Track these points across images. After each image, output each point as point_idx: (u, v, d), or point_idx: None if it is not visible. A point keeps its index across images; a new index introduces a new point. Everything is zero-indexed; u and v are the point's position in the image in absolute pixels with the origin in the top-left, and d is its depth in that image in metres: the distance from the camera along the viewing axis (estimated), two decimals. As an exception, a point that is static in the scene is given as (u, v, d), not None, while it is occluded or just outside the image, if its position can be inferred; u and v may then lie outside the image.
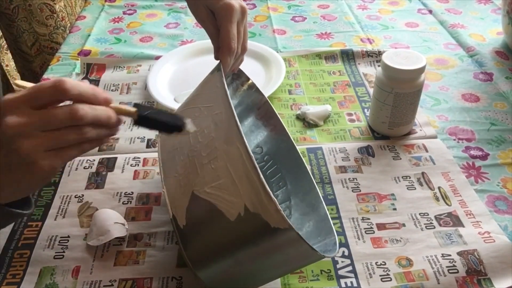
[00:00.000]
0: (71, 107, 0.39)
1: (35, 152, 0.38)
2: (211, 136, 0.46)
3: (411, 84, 0.68)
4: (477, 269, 0.55)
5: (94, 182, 0.67)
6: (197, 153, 0.46)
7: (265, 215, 0.41)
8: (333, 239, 0.53)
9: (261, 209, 0.41)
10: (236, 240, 0.44)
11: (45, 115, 0.38)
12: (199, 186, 0.45)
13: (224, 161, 0.44)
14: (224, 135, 0.45)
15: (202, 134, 0.47)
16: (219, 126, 0.46)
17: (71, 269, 0.56)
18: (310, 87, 0.87)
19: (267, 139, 0.66)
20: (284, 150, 0.65)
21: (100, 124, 0.41)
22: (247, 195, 0.42)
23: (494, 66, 0.90)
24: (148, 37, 1.04)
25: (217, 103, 0.47)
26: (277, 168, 0.64)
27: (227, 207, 0.43)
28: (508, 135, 0.74)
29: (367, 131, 0.76)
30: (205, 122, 0.47)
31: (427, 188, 0.65)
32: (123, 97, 0.85)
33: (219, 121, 0.46)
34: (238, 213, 0.42)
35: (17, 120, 0.37)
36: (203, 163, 0.45)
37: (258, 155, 0.65)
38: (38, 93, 0.39)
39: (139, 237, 0.59)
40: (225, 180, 0.43)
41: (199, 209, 0.45)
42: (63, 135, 0.39)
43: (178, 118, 0.46)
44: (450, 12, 1.11)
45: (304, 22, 1.09)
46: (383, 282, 0.54)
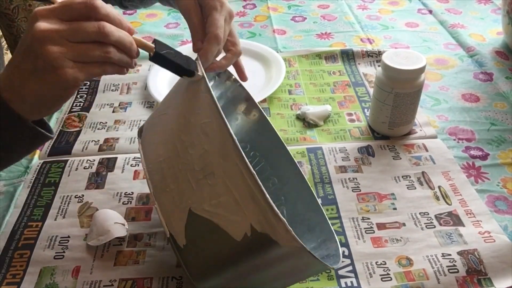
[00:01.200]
0: (99, 23, 0.41)
1: (61, 58, 0.40)
2: (203, 149, 0.43)
3: (411, 84, 0.68)
4: (477, 268, 0.55)
5: (94, 182, 0.67)
6: (189, 166, 0.43)
7: (274, 235, 0.39)
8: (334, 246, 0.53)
9: (269, 229, 0.39)
10: (244, 259, 0.43)
11: (74, 26, 0.40)
12: (197, 203, 0.42)
13: (222, 177, 0.41)
14: (219, 149, 0.42)
15: (192, 145, 0.44)
16: (211, 138, 0.42)
17: (71, 269, 0.56)
18: (310, 87, 0.87)
19: (252, 134, 0.63)
20: (271, 145, 0.63)
21: (123, 48, 0.43)
22: (253, 215, 0.40)
23: (494, 66, 0.90)
24: (148, 37, 1.04)
25: (204, 110, 0.44)
26: (265, 165, 0.63)
27: (231, 226, 0.41)
28: (508, 135, 0.74)
29: (367, 131, 0.76)
30: (193, 131, 0.44)
31: (427, 187, 0.65)
32: (123, 97, 0.85)
33: (210, 131, 0.43)
34: (244, 233, 0.40)
35: (47, 26, 0.40)
36: (198, 178, 0.42)
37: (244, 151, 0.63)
38: (69, 6, 0.41)
39: (139, 237, 0.59)
40: (225, 198, 0.41)
41: (200, 228, 0.43)
42: (89, 49, 0.41)
43: (191, 62, 0.47)
44: (450, 12, 1.11)
45: (304, 22, 1.09)
46: (383, 281, 0.54)
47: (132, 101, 0.84)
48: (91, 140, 0.75)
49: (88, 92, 0.87)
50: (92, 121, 0.79)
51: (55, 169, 0.69)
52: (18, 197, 0.65)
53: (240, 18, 1.11)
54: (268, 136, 0.63)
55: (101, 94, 0.86)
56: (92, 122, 0.79)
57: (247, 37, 1.03)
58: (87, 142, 0.74)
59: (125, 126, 0.78)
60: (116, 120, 0.79)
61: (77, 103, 0.84)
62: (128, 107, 0.83)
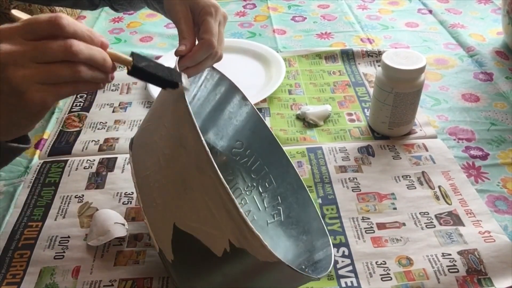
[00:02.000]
0: (65, 42, 0.38)
1: (26, 82, 0.37)
2: (182, 162, 0.42)
3: (411, 84, 0.68)
4: (477, 268, 0.55)
5: (94, 182, 0.67)
6: (171, 180, 0.43)
7: (252, 250, 0.39)
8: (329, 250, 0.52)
9: (246, 245, 0.39)
10: (227, 274, 0.43)
11: (39, 46, 0.37)
12: (180, 219, 0.42)
13: (200, 192, 0.41)
14: (195, 162, 0.41)
15: (172, 159, 0.43)
16: (188, 151, 0.42)
17: (71, 269, 0.55)
18: (310, 87, 0.87)
19: (246, 131, 0.63)
20: (267, 144, 0.63)
21: (96, 65, 0.40)
22: (229, 230, 0.39)
23: (494, 66, 0.90)
24: (148, 37, 1.04)
25: (181, 122, 0.43)
26: (261, 164, 0.62)
27: (211, 242, 0.41)
28: (508, 135, 0.74)
29: (367, 131, 0.76)
30: (173, 144, 0.44)
31: (427, 187, 0.65)
32: (123, 97, 0.85)
33: (187, 144, 0.42)
34: (224, 248, 0.40)
35: (9, 48, 0.37)
36: (180, 193, 0.42)
37: (239, 150, 0.63)
38: (34, 25, 0.38)
39: (139, 237, 0.59)
40: (204, 212, 0.40)
41: (185, 243, 0.43)
42: (56, 70, 0.38)
43: (174, 73, 0.44)
44: (450, 12, 1.11)
45: (304, 22, 1.09)
46: (383, 281, 0.54)
47: (132, 101, 0.84)
48: (91, 140, 0.75)
49: (88, 92, 0.87)
50: (92, 121, 0.79)
51: (55, 169, 0.69)
52: (18, 197, 0.65)
53: (240, 18, 1.11)
54: (263, 135, 0.63)
55: (101, 94, 0.86)
56: (92, 122, 0.79)
57: (247, 37, 1.03)
58: (87, 142, 0.74)
59: (125, 126, 0.78)
60: (116, 120, 0.79)
61: (77, 103, 0.84)
62: (128, 107, 0.83)
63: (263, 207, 0.61)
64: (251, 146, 0.63)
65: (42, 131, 0.77)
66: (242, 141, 0.63)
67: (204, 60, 0.53)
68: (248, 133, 0.63)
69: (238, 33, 1.04)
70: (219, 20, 0.55)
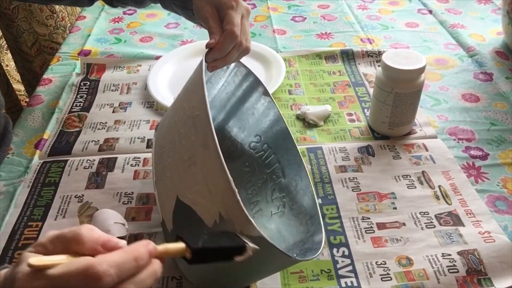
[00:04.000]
0: None
1: None
2: (191, 140, 0.45)
3: (411, 84, 0.68)
4: (477, 268, 0.55)
5: (94, 182, 0.67)
6: (180, 156, 0.46)
7: (237, 223, 0.41)
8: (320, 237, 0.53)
9: (233, 217, 0.41)
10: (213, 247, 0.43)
11: None
12: (182, 191, 0.45)
13: (201, 166, 0.43)
14: (201, 139, 0.44)
15: (185, 137, 0.46)
16: (198, 129, 0.45)
17: (71, 269, 0.55)
18: (310, 87, 0.87)
19: (266, 127, 0.65)
20: (282, 141, 0.64)
21: None
22: (220, 202, 0.42)
23: (494, 66, 0.90)
24: (148, 37, 1.04)
25: (198, 103, 0.46)
26: (275, 158, 0.64)
27: (205, 213, 0.43)
28: (508, 135, 0.74)
29: (367, 131, 0.76)
30: (188, 124, 0.47)
31: (427, 186, 0.65)
32: (123, 97, 0.85)
33: (198, 123, 0.45)
34: (214, 220, 0.42)
35: None
36: (185, 167, 0.45)
37: (257, 143, 0.64)
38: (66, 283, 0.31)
39: (139, 237, 0.59)
40: (202, 186, 0.43)
41: (183, 214, 0.45)
42: None
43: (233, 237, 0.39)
44: (450, 12, 1.11)
45: (304, 22, 1.09)
46: (383, 281, 0.54)
47: (132, 101, 0.84)
48: (91, 140, 0.75)
49: (88, 92, 0.87)
50: (92, 121, 0.79)
51: (55, 169, 0.69)
52: (18, 197, 0.65)
53: (240, 18, 1.11)
54: (281, 132, 0.64)
55: (101, 94, 0.86)
56: (92, 122, 0.79)
57: (247, 37, 1.02)
58: (87, 142, 0.74)
59: (125, 126, 0.78)
60: (116, 120, 0.79)
61: (77, 103, 0.84)
62: (128, 107, 0.83)
63: (271, 199, 0.61)
64: (267, 140, 0.65)
65: (42, 131, 0.77)
66: (261, 135, 0.65)
67: (230, 51, 0.57)
68: (267, 128, 0.65)
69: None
70: (241, 13, 0.59)
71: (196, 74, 0.51)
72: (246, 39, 0.59)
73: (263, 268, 0.49)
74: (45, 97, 0.86)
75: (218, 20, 0.58)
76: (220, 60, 0.57)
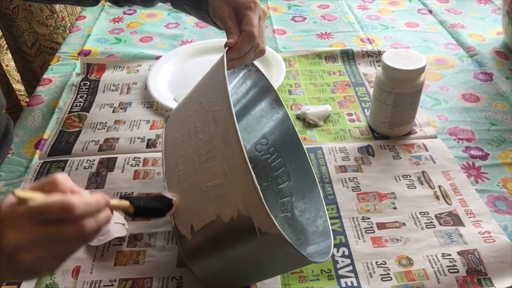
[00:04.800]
0: (78, 227, 0.38)
1: (38, 263, 0.38)
2: (210, 134, 0.46)
3: (411, 84, 0.68)
4: (477, 268, 0.55)
5: (94, 182, 0.67)
6: (197, 149, 0.47)
7: (257, 220, 0.41)
8: (328, 242, 0.53)
9: (253, 214, 0.41)
10: (229, 241, 0.45)
11: (51, 232, 0.37)
12: (197, 184, 0.45)
13: (221, 161, 0.44)
14: (222, 134, 0.44)
15: (202, 131, 0.47)
16: (218, 124, 0.45)
17: (71, 269, 0.55)
18: (310, 87, 0.87)
19: (274, 130, 0.65)
20: (290, 143, 0.65)
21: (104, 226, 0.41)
22: (241, 198, 0.42)
23: (494, 66, 0.90)
24: (148, 37, 1.04)
25: (218, 99, 0.47)
26: (282, 161, 0.64)
27: (221, 208, 0.43)
28: (508, 135, 0.74)
29: (367, 131, 0.76)
30: (206, 118, 0.47)
31: (427, 186, 0.65)
32: (123, 97, 0.85)
33: (219, 118, 0.46)
34: (231, 215, 0.42)
35: (18, 235, 0.36)
36: (202, 161, 0.45)
37: (263, 146, 0.65)
38: (44, 211, 0.37)
39: (139, 237, 0.59)
40: (220, 180, 0.43)
41: None
42: (69, 249, 0.39)
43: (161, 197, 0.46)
44: (450, 12, 1.11)
45: (304, 22, 1.09)
46: (383, 281, 0.54)
47: (132, 101, 0.84)
48: (91, 140, 0.75)
49: (88, 92, 0.87)
50: (92, 121, 0.79)
51: (55, 169, 0.69)
52: (18, 197, 0.65)
53: (240, 18, 1.11)
54: (289, 135, 0.65)
55: (101, 94, 0.86)
56: (92, 122, 0.79)
57: (247, 37, 1.02)
58: (87, 142, 0.74)
59: (125, 126, 0.78)
60: (116, 120, 0.79)
61: (77, 103, 0.84)
62: (128, 107, 0.83)
63: (275, 201, 0.62)
64: (275, 144, 0.65)
65: (42, 131, 0.77)
66: (268, 138, 0.65)
67: (248, 52, 0.58)
68: (276, 132, 0.65)
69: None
70: (258, 14, 0.59)
71: (215, 71, 0.52)
72: (262, 41, 0.60)
73: (275, 266, 0.49)
74: (45, 97, 0.86)
75: (236, 20, 0.59)
76: (236, 60, 0.57)
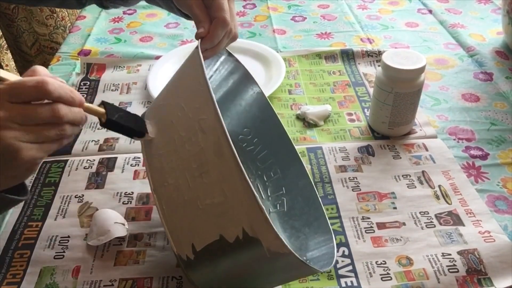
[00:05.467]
0: (53, 107, 0.41)
1: (17, 143, 0.39)
2: (199, 146, 0.42)
3: (411, 84, 0.68)
4: (477, 268, 0.55)
5: (94, 182, 0.67)
6: (186, 162, 0.43)
7: (265, 240, 0.40)
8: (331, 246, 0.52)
9: (260, 235, 0.39)
10: (234, 259, 0.43)
11: (27, 112, 0.40)
12: (192, 201, 0.42)
13: (217, 177, 0.41)
14: (214, 147, 0.41)
15: (189, 142, 0.43)
16: (207, 135, 0.42)
17: (71, 269, 0.56)
18: (310, 87, 0.87)
19: (257, 121, 0.62)
20: (275, 134, 0.62)
21: (77, 123, 0.44)
22: (245, 218, 0.40)
23: (494, 66, 0.90)
24: (148, 37, 1.04)
25: (202, 105, 0.43)
26: (268, 154, 0.62)
27: (224, 228, 0.41)
28: (508, 135, 0.74)
29: (367, 131, 0.76)
30: (191, 127, 0.43)
31: (427, 186, 0.65)
32: (123, 97, 0.85)
33: (206, 128, 0.42)
34: (236, 235, 0.40)
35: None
36: (195, 176, 0.42)
37: (246, 137, 0.62)
38: (20, 89, 0.40)
39: (139, 237, 0.59)
40: (219, 199, 0.40)
41: None
42: (45, 131, 0.41)
43: (140, 121, 0.47)
44: (450, 12, 1.11)
45: (304, 22, 1.09)
46: (383, 281, 0.54)
47: (132, 101, 0.84)
48: (91, 140, 0.75)
49: (88, 92, 0.87)
50: (92, 121, 0.79)
51: (55, 169, 0.69)
52: (18, 197, 0.65)
53: (240, 18, 1.11)
54: (272, 125, 0.62)
55: (101, 94, 0.86)
56: (92, 122, 0.79)
57: (247, 37, 1.03)
58: (87, 142, 0.74)
59: (125, 126, 0.78)
60: (116, 120, 0.79)
61: (77, 103, 0.84)
62: (128, 107, 0.83)
63: (267, 195, 0.61)
64: (259, 135, 0.62)
65: (42, 131, 0.77)
66: (250, 128, 0.62)
67: (221, 39, 0.54)
68: (258, 122, 0.62)
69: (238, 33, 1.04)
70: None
71: (192, 69, 0.47)
72: (234, 25, 0.56)
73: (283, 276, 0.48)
74: (45, 97, 0.86)
75: (203, 6, 0.54)
76: (210, 50, 0.54)
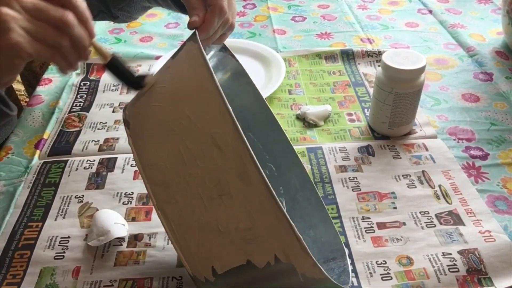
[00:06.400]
0: (64, 11, 0.39)
1: (13, 22, 0.38)
2: (215, 164, 0.38)
3: (411, 84, 0.68)
4: (478, 268, 0.55)
5: (94, 182, 0.67)
6: (199, 180, 0.39)
7: (299, 267, 0.37)
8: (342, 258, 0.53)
9: (295, 261, 0.37)
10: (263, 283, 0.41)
11: (40, 5, 0.39)
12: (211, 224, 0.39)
13: (242, 202, 0.37)
14: (236, 169, 0.37)
15: (201, 157, 0.38)
16: (225, 153, 0.37)
17: (72, 270, 0.55)
18: (310, 87, 0.87)
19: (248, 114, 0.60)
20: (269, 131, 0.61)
21: (78, 45, 0.41)
22: (278, 246, 0.37)
23: (494, 66, 0.90)
24: (148, 37, 1.04)
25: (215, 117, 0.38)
26: (262, 151, 0.60)
27: (253, 254, 0.38)
28: (508, 135, 0.74)
29: (367, 131, 0.76)
30: (201, 140, 0.39)
31: (427, 186, 0.65)
32: (123, 97, 0.85)
33: (224, 144, 0.37)
34: (267, 261, 0.38)
35: None
36: (212, 197, 0.38)
37: None
38: None
39: (139, 237, 0.59)
40: (246, 224, 0.37)
41: None
42: (45, 28, 0.39)
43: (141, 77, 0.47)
44: (450, 12, 1.11)
45: (304, 22, 1.09)
46: (383, 281, 0.54)
47: (132, 101, 0.84)
48: (91, 140, 0.75)
49: (88, 92, 0.87)
50: (92, 121, 0.79)
51: (55, 169, 0.69)
52: (18, 197, 0.65)
53: (240, 18, 1.11)
54: (266, 120, 0.60)
55: (101, 94, 0.86)
56: (92, 122, 0.79)
57: (247, 37, 1.03)
58: (87, 142, 0.74)
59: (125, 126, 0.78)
60: (116, 120, 0.79)
61: (77, 103, 0.84)
62: (128, 107, 0.82)
63: None
64: (251, 129, 0.59)
65: (42, 131, 0.77)
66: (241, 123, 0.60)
67: (217, 30, 0.50)
68: (249, 115, 0.59)
69: (238, 33, 1.04)
70: None
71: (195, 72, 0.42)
72: (232, 14, 0.52)
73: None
74: (45, 97, 0.86)
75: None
76: (204, 41, 0.49)
